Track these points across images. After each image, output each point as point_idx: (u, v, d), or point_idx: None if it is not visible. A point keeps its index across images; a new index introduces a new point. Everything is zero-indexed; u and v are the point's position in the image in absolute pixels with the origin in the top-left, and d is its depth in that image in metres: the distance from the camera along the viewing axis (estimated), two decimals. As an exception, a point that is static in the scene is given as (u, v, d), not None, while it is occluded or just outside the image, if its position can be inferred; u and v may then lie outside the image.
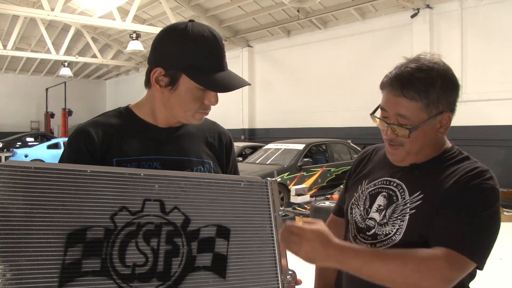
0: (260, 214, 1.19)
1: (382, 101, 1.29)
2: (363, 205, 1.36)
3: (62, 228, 0.96)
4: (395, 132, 1.25)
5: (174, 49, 1.21)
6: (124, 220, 1.02)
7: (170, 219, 1.07)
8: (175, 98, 1.24)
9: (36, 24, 16.54)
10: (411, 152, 1.27)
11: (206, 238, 1.11)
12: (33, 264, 0.92)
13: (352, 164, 1.55)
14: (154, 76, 1.23)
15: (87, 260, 0.97)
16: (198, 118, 1.29)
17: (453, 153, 1.31)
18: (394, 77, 1.24)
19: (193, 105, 1.24)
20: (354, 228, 1.37)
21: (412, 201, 1.25)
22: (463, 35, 10.25)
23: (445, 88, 1.23)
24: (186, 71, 1.20)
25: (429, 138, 1.26)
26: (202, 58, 1.20)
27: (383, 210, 1.29)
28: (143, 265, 1.02)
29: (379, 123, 1.30)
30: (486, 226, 1.16)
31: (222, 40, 1.25)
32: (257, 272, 1.14)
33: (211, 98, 1.25)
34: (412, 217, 1.23)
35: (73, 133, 1.28)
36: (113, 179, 1.03)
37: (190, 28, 1.21)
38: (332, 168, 9.51)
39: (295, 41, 14.37)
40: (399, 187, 1.30)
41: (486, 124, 9.87)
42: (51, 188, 0.97)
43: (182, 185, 1.10)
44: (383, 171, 1.39)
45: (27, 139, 19.11)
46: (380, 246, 1.26)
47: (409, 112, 1.21)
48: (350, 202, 1.42)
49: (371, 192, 1.36)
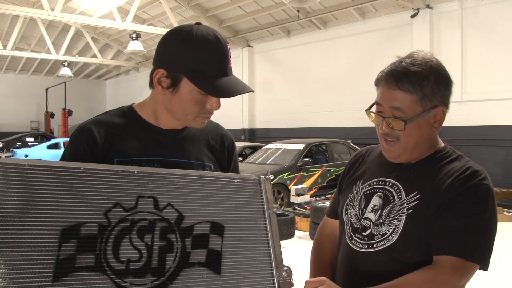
0: (254, 211, 1.20)
1: (377, 97, 1.30)
2: (358, 205, 1.36)
3: (56, 224, 0.97)
4: (390, 125, 1.26)
5: (177, 51, 1.20)
6: (118, 216, 1.02)
7: (164, 216, 1.07)
8: (176, 101, 1.23)
9: (36, 24, 16.55)
10: (407, 147, 1.27)
11: (200, 234, 1.11)
12: (27, 259, 0.93)
13: (346, 166, 1.56)
14: (157, 77, 1.23)
15: (81, 255, 0.98)
16: (199, 123, 1.28)
17: (447, 153, 1.32)
18: (389, 72, 1.26)
19: (194, 108, 1.23)
20: (350, 229, 1.37)
21: (409, 201, 1.25)
22: (463, 35, 10.25)
23: (439, 82, 1.25)
24: (187, 74, 1.19)
25: (424, 133, 1.27)
26: (204, 61, 1.19)
27: (379, 210, 1.30)
28: (137, 260, 1.02)
29: (374, 118, 1.31)
30: (487, 228, 1.19)
31: (227, 45, 1.24)
32: (252, 268, 1.15)
33: (213, 102, 1.24)
34: (409, 217, 1.23)
35: (76, 131, 1.28)
36: (106, 176, 1.04)
37: (195, 31, 1.20)
38: (332, 168, 9.50)
39: (295, 41, 14.37)
40: (395, 187, 1.31)
41: (486, 124, 9.86)
42: (45, 185, 0.98)
43: (175, 182, 1.11)
44: (378, 171, 1.39)
45: (27, 139, 19.12)
46: (377, 246, 1.27)
47: (404, 105, 1.23)
48: (345, 203, 1.43)
49: (366, 192, 1.37)
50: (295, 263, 1.28)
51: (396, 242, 1.24)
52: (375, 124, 1.32)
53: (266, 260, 1.17)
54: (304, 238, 6.56)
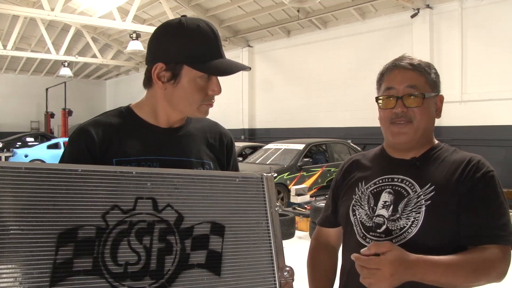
0: (256, 210, 1.18)
1: (387, 83, 1.36)
2: (368, 204, 1.36)
3: (53, 227, 0.95)
4: (406, 104, 1.31)
5: (173, 43, 1.22)
6: (116, 218, 1.01)
7: (163, 217, 1.06)
8: (179, 92, 1.25)
9: (36, 24, 16.54)
10: (419, 128, 1.32)
11: (200, 235, 1.09)
12: (24, 264, 0.92)
13: (336, 176, 1.57)
14: (156, 72, 1.24)
15: (79, 259, 0.96)
16: (203, 111, 1.30)
17: (442, 147, 1.39)
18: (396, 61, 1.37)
19: (197, 96, 1.25)
20: (362, 229, 1.36)
21: (425, 192, 1.28)
22: (463, 35, 10.24)
23: (437, 74, 1.39)
24: (187, 62, 1.22)
25: (432, 117, 1.36)
26: (200, 47, 1.22)
27: (391, 206, 1.31)
28: (136, 263, 1.01)
29: (385, 102, 1.35)
30: (506, 208, 1.27)
31: (216, 30, 1.28)
32: (253, 268, 1.13)
33: (214, 87, 1.26)
34: (428, 208, 1.26)
35: (74, 133, 1.29)
36: (104, 178, 1.02)
37: (185, 21, 1.24)
38: (332, 168, 9.49)
39: (295, 41, 14.37)
40: (406, 182, 1.33)
41: (486, 124, 9.86)
42: (42, 188, 0.97)
43: (175, 182, 1.09)
44: (381, 170, 1.40)
45: (27, 139, 19.11)
46: (396, 241, 1.27)
47: (419, 84, 1.33)
48: (349, 205, 1.42)
49: (373, 191, 1.37)
50: (295, 263, 1.27)
51: (417, 234, 1.25)
52: (384, 110, 1.35)
53: (268, 261, 1.16)
54: (304, 238, 6.55)
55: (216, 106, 1.31)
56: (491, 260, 1.20)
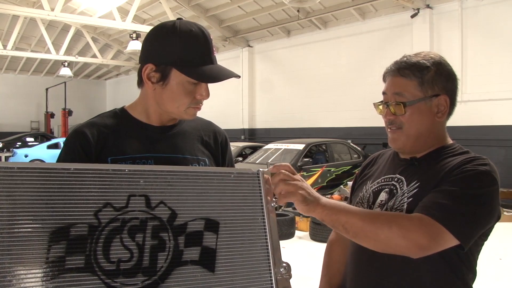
0: (252, 206, 1.17)
1: (384, 87, 1.36)
2: (367, 203, 1.39)
3: (45, 226, 0.95)
4: (392, 111, 1.31)
5: (164, 45, 1.25)
6: (108, 216, 1.00)
7: (156, 214, 1.05)
8: (167, 93, 1.27)
9: (36, 24, 16.55)
10: (410, 135, 1.30)
11: (194, 232, 1.09)
12: (16, 262, 0.91)
13: (359, 169, 1.61)
14: (146, 72, 1.27)
15: (71, 257, 0.96)
16: (191, 114, 1.31)
17: (453, 148, 1.33)
18: (393, 64, 1.34)
19: (184, 99, 1.27)
20: None
21: (409, 190, 1.28)
22: (463, 35, 10.25)
23: (440, 73, 1.30)
24: (176, 65, 1.23)
25: (426, 121, 1.30)
26: (191, 52, 1.24)
27: (385, 205, 1.32)
28: (128, 260, 1.00)
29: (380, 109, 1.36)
30: (470, 201, 1.15)
31: (209, 35, 1.29)
32: (248, 265, 1.12)
33: (202, 92, 1.27)
34: (409, 205, 1.25)
35: (70, 134, 1.32)
36: (97, 176, 1.02)
37: (178, 25, 1.25)
38: (332, 168, 9.48)
39: (295, 41, 14.37)
40: (399, 181, 1.34)
41: (486, 124, 9.86)
42: (34, 187, 0.96)
43: (169, 179, 1.09)
44: (387, 170, 1.43)
45: (27, 139, 19.11)
46: None
47: (405, 90, 1.29)
48: (355, 202, 1.46)
49: (375, 189, 1.39)
50: (295, 263, 1.26)
51: None
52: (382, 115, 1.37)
53: (264, 256, 1.15)
54: (304, 238, 6.54)
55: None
56: (399, 216, 1.16)
